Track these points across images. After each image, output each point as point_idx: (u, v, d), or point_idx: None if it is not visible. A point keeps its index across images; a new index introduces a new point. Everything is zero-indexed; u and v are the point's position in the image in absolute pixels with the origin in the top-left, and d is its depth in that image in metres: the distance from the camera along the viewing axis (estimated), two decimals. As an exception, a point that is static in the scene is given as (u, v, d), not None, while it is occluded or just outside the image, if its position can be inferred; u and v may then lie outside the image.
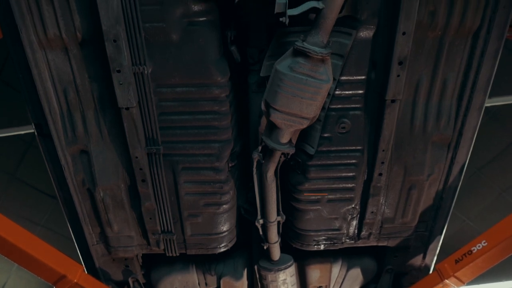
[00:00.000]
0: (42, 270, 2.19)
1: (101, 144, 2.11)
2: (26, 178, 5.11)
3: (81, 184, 2.22)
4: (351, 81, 1.96)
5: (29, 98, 1.99)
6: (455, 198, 2.41)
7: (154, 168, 2.13)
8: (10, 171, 5.03)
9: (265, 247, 2.42)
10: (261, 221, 2.29)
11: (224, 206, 2.31)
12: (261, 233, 2.36)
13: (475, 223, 5.50)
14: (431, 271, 2.72)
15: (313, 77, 1.67)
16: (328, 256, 2.75)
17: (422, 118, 2.07)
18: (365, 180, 2.22)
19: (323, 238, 2.45)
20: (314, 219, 2.35)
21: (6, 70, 4.27)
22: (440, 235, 2.55)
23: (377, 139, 2.06)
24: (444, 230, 2.54)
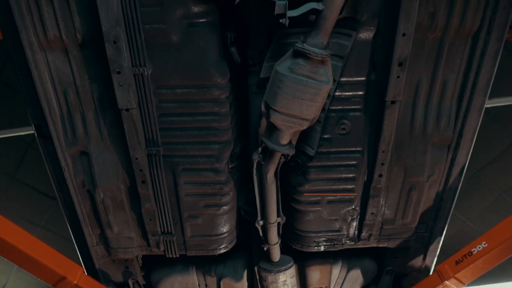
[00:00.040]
0: (42, 272, 2.19)
1: (101, 145, 2.11)
2: (26, 179, 5.10)
3: (81, 185, 2.22)
4: (351, 82, 1.96)
5: (29, 99, 1.99)
6: (455, 199, 2.41)
7: (154, 169, 2.13)
8: (10, 172, 5.03)
9: (265, 249, 2.42)
10: (261, 222, 2.29)
11: (224, 207, 2.31)
12: (261, 234, 2.36)
13: (475, 224, 5.50)
14: (431, 272, 2.72)
15: (313, 78, 1.67)
16: (328, 257, 2.75)
17: (422, 119, 2.07)
18: (365, 181, 2.22)
19: (323, 239, 2.45)
20: (314, 220, 2.35)
21: (6, 71, 4.27)
22: (440, 236, 2.55)
23: (377, 140, 2.06)
24: (444, 231, 2.54)
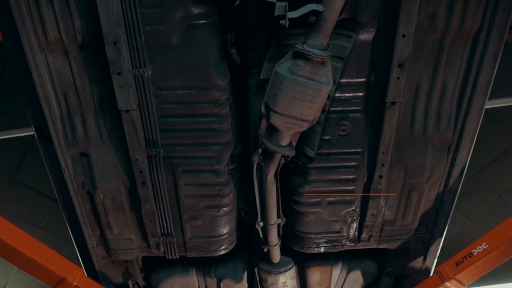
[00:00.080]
0: (42, 273, 2.18)
1: (101, 146, 2.11)
2: (26, 180, 5.11)
3: (81, 186, 2.22)
4: (351, 83, 1.96)
5: (29, 101, 1.99)
6: (456, 200, 2.41)
7: (154, 170, 2.13)
8: (10, 173, 5.04)
9: (265, 250, 2.42)
10: (261, 223, 2.28)
11: (224, 208, 2.31)
12: (261, 235, 2.35)
13: (476, 225, 5.50)
14: (432, 274, 2.72)
15: (313, 79, 1.67)
16: (328, 258, 2.75)
17: (422, 120, 2.07)
18: (365, 182, 2.22)
19: (324, 240, 2.45)
20: (314, 222, 2.35)
21: (6, 73, 4.27)
22: (440, 238, 2.55)
23: (377, 142, 2.06)
24: (444, 233, 2.54)
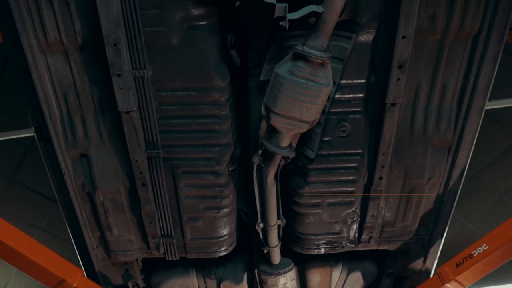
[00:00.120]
0: (42, 274, 2.18)
1: (101, 148, 2.10)
2: (26, 181, 5.11)
3: (81, 188, 2.22)
4: (351, 84, 1.96)
5: (29, 102, 1.99)
6: (456, 202, 2.40)
7: (154, 172, 2.13)
8: (10, 175, 5.03)
9: (265, 251, 2.42)
10: (261, 225, 2.28)
11: (224, 210, 2.31)
12: (261, 237, 2.35)
13: (476, 226, 5.49)
14: (432, 275, 2.72)
15: (313, 81, 1.67)
16: (328, 260, 2.75)
17: (422, 121, 2.07)
18: (365, 183, 2.22)
19: (324, 242, 2.44)
20: (315, 223, 2.35)
21: (6, 74, 4.27)
22: (440, 239, 2.54)
23: (377, 143, 2.06)
24: (444, 234, 2.54)
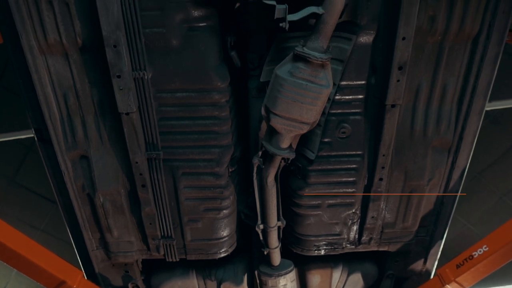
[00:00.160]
0: (42, 276, 2.18)
1: (101, 149, 2.10)
2: (26, 182, 5.10)
3: (81, 189, 2.22)
4: (351, 86, 1.96)
5: (29, 103, 1.99)
6: (456, 203, 2.40)
7: (154, 173, 2.13)
8: (10, 176, 5.03)
9: (265, 252, 2.41)
10: (261, 226, 2.28)
11: (224, 211, 2.30)
12: (261, 238, 2.35)
13: (476, 227, 5.49)
14: (432, 276, 2.71)
15: (313, 82, 1.67)
16: (328, 261, 2.74)
17: (422, 123, 2.07)
18: (365, 185, 2.22)
19: (324, 243, 2.44)
20: (315, 224, 2.35)
21: (6, 75, 4.27)
22: (441, 240, 2.54)
23: (377, 144, 2.06)
24: (445, 235, 2.54)
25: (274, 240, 2.33)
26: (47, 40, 1.80)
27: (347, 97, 1.98)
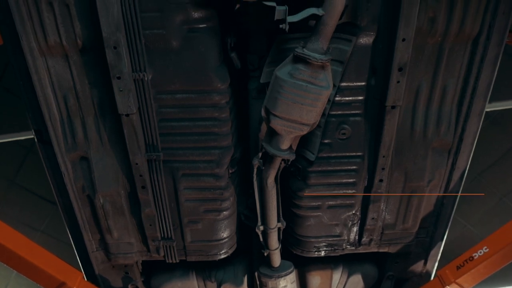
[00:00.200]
0: (41, 277, 2.18)
1: (101, 150, 2.10)
2: (26, 183, 5.10)
3: (81, 190, 2.21)
4: (351, 87, 1.96)
5: (29, 105, 1.99)
6: (456, 204, 2.40)
7: (154, 174, 2.13)
8: (10, 177, 5.03)
9: (265, 254, 2.41)
10: (261, 227, 2.28)
11: (224, 212, 2.30)
12: (261, 239, 2.35)
13: (476, 228, 5.49)
14: (432, 278, 2.71)
15: (313, 83, 1.67)
16: (328, 262, 2.74)
17: (422, 124, 2.07)
18: (365, 186, 2.22)
19: (324, 244, 2.44)
20: (315, 225, 2.35)
21: (6, 76, 4.28)
22: (441, 241, 2.54)
23: (377, 145, 2.06)
24: (445, 236, 2.53)
25: (274, 241, 2.33)
26: (47, 41, 1.81)
27: (347, 98, 1.98)
